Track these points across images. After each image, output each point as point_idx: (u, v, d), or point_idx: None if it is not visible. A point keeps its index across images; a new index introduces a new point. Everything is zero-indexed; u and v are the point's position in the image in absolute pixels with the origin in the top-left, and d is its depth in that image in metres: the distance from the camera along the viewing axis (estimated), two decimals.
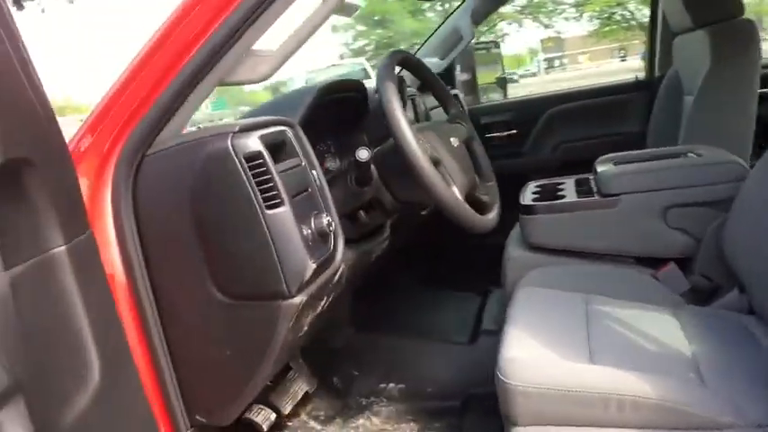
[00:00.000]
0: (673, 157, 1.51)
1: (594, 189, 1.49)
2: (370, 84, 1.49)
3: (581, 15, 20.48)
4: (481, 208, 1.21)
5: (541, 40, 32.10)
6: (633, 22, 18.19)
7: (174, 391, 0.94)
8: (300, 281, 0.84)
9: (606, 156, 1.62)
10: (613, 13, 19.33)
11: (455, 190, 1.07)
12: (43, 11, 11.57)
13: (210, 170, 0.83)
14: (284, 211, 0.83)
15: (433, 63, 2.29)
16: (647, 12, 2.59)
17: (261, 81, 0.93)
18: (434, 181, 0.97)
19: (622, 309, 1.22)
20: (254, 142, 0.83)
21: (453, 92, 2.37)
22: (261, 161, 0.82)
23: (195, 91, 0.88)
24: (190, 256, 0.88)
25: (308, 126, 1.07)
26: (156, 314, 0.91)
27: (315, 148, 1.04)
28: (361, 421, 1.56)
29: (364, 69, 8.86)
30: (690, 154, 1.50)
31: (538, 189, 1.63)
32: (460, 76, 2.68)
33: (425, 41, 2.37)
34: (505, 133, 2.46)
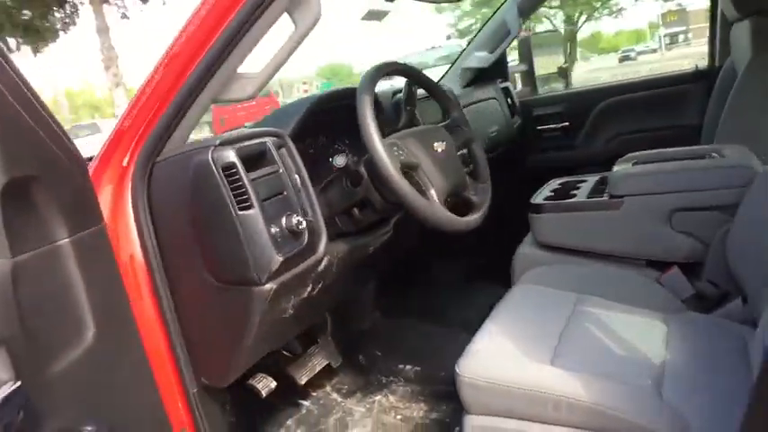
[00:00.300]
0: (695, 157, 1.47)
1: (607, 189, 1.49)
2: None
3: None
4: (469, 207, 1.28)
5: (662, 14, 29.64)
6: None
7: (183, 355, 1.13)
8: (268, 271, 0.99)
9: (631, 154, 1.60)
10: None
11: (432, 192, 1.16)
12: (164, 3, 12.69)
13: (197, 177, 0.99)
14: (253, 213, 0.98)
15: (483, 57, 2.33)
16: None
17: (249, 99, 1.08)
18: (401, 186, 1.07)
19: (610, 311, 1.24)
20: (229, 155, 0.98)
21: (504, 85, 2.39)
22: (235, 171, 0.98)
23: (192, 107, 1.05)
24: (189, 246, 1.06)
25: (306, 132, 1.20)
26: (167, 290, 1.10)
27: (317, 152, 1.18)
28: (378, 397, 1.70)
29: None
30: (714, 155, 1.45)
31: (557, 187, 1.65)
32: (518, 67, 2.68)
33: (475, 35, 2.40)
34: (559, 125, 2.44)
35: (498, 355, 1.07)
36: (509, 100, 2.37)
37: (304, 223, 1.04)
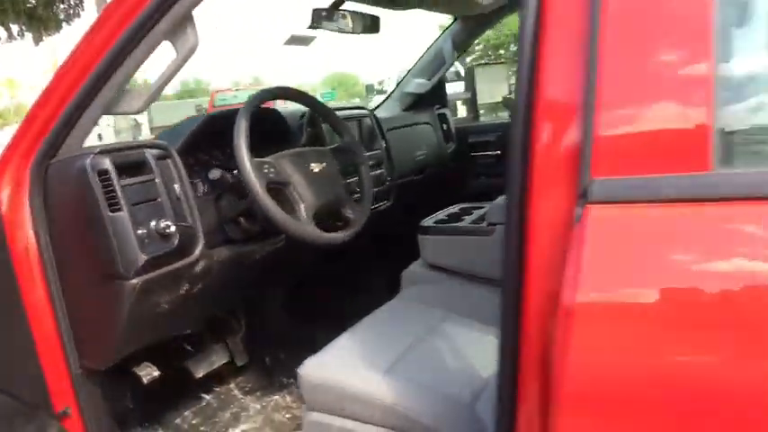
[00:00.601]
0: None
1: None
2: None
3: None
4: (346, 224, 1.41)
5: None
6: None
7: (68, 339, 1.25)
8: (133, 268, 1.11)
9: None
10: None
11: (301, 208, 1.28)
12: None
13: (78, 180, 1.12)
14: (122, 215, 1.10)
15: (421, 83, 2.46)
16: None
17: (137, 113, 1.21)
18: (263, 200, 1.20)
19: (468, 330, 1.35)
20: (105, 162, 1.11)
21: (441, 111, 2.52)
22: (108, 176, 1.10)
23: (82, 118, 1.18)
24: (76, 241, 1.18)
25: (198, 146, 1.33)
26: (56, 278, 1.22)
27: (210, 165, 1.32)
28: (276, 397, 1.82)
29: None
30: None
31: (455, 211, 1.78)
32: (462, 94, 2.81)
33: (417, 62, 2.53)
34: (492, 153, 2.57)
35: (340, 360, 1.19)
36: (444, 126, 2.49)
37: (173, 227, 1.16)
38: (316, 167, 1.36)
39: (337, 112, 1.76)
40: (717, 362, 0.54)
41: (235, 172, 1.29)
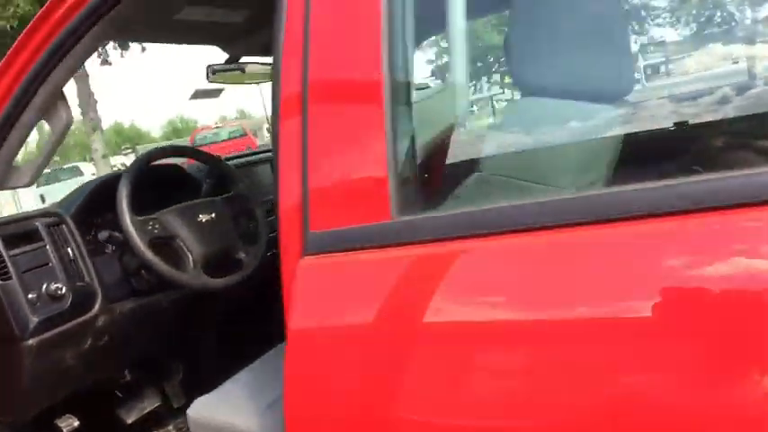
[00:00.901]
0: None
1: None
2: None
3: None
4: (238, 268, 1.52)
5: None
6: None
7: None
8: (27, 330, 1.21)
9: None
10: None
11: (190, 259, 1.39)
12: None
13: None
14: (11, 283, 1.21)
15: None
16: None
17: (28, 185, 1.32)
18: (146, 256, 1.30)
19: None
20: None
21: None
22: None
23: None
24: None
25: (95, 209, 1.44)
26: None
27: (98, 226, 1.42)
28: None
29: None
30: None
31: None
32: None
33: None
34: None
35: (227, 398, 1.28)
36: None
37: (64, 289, 1.26)
38: (204, 218, 1.46)
39: (254, 156, 1.87)
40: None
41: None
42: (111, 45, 12.51)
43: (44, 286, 1.25)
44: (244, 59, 1.80)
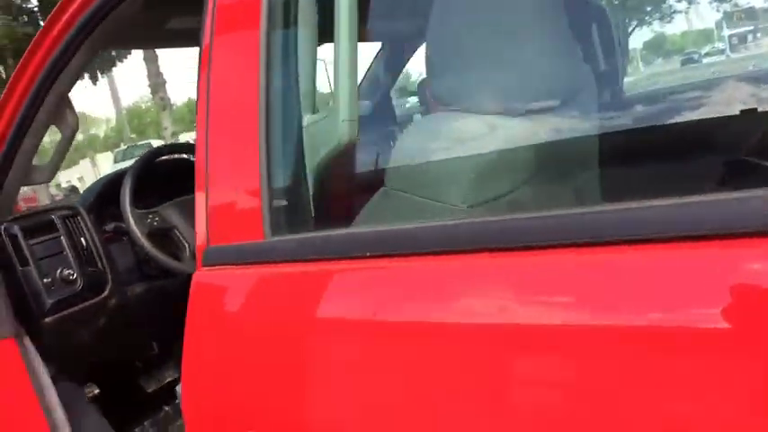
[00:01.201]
0: None
1: None
2: None
3: None
4: None
5: (728, 13, 28.24)
6: None
7: None
8: (42, 310, 1.38)
9: None
10: None
11: (186, 248, 1.52)
12: None
13: None
14: (30, 269, 1.37)
15: (365, 105, 2.65)
16: None
17: (48, 181, 1.49)
18: (145, 246, 1.44)
19: None
20: (13, 228, 1.38)
21: None
22: (17, 239, 1.38)
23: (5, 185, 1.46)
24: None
25: (106, 202, 1.61)
26: None
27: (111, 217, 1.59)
28: None
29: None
30: None
31: None
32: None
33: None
34: None
35: None
36: None
37: (75, 274, 1.43)
38: None
39: None
40: None
41: None
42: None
43: (58, 272, 1.42)
44: None
